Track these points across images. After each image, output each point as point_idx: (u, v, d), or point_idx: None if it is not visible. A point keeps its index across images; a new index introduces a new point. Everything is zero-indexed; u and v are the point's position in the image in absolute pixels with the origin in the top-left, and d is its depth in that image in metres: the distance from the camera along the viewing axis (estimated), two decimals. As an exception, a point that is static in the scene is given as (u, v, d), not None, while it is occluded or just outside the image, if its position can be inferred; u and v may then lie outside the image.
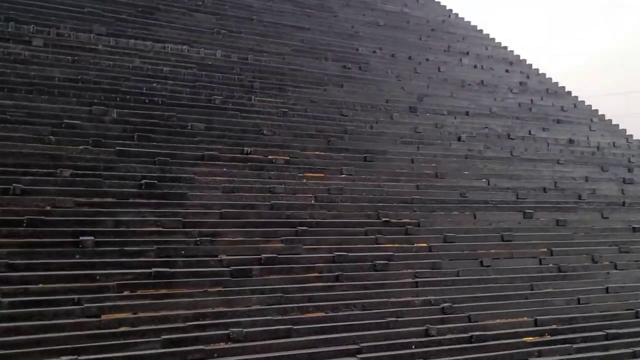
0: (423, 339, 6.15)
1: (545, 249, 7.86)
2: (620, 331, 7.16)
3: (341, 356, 5.70)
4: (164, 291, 5.52)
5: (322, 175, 7.34)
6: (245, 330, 5.49)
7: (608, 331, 7.10)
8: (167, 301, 5.45)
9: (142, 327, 5.20)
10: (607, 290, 7.70)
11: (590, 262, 8.05)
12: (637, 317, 7.52)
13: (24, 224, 5.36)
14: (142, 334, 5.16)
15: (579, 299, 7.39)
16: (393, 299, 6.41)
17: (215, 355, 5.26)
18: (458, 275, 7.01)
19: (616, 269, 8.10)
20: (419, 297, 6.56)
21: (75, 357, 4.75)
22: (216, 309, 5.57)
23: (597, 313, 7.35)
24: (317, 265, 6.36)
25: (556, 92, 11.78)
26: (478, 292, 6.92)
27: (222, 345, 5.36)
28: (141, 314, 5.29)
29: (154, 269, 5.56)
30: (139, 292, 5.43)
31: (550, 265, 7.71)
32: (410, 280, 6.70)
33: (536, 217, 8.28)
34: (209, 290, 5.69)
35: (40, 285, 5.08)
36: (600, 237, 8.47)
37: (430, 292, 6.67)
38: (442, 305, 6.55)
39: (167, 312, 5.38)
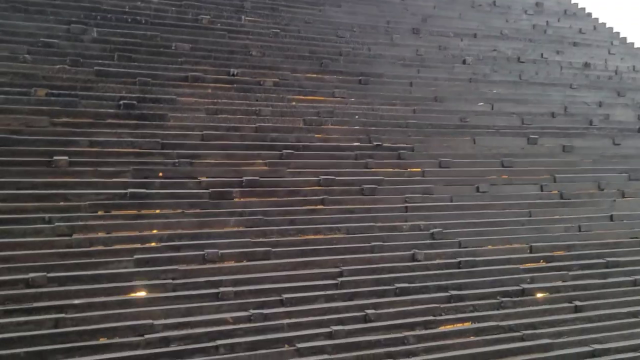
0: (409, 264, 6.01)
1: (548, 176, 7.54)
2: (622, 259, 6.92)
3: (321, 279, 5.61)
4: (138, 212, 5.43)
5: (312, 98, 7.06)
6: (221, 251, 5.40)
7: (608, 259, 6.87)
8: (141, 221, 5.36)
9: (114, 247, 5.14)
10: (611, 218, 7.40)
11: (596, 190, 7.71)
12: (641, 246, 7.24)
13: (-4, 143, 5.25)
14: (115, 253, 5.11)
15: (579, 227, 7.12)
16: (380, 224, 6.23)
17: (189, 275, 5.20)
18: (451, 201, 6.78)
19: (623, 197, 7.76)
20: (408, 222, 6.37)
21: (44, 274, 4.73)
22: (192, 231, 5.47)
23: (598, 241, 7.08)
24: (301, 189, 6.18)
25: (575, 13, 11.11)
26: (471, 218, 6.69)
27: (196, 266, 5.29)
28: (114, 234, 5.22)
29: (129, 190, 5.46)
30: (112, 213, 5.35)
31: (552, 192, 7.41)
32: (400, 205, 6.49)
33: (541, 143, 7.91)
34: (186, 212, 5.58)
35: (10, 204, 5.02)
36: (609, 164, 8.09)
37: (420, 218, 6.47)
38: (431, 231, 6.36)
39: (141, 232, 5.31)
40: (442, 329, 5.64)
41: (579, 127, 8.37)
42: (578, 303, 6.30)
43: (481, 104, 7.99)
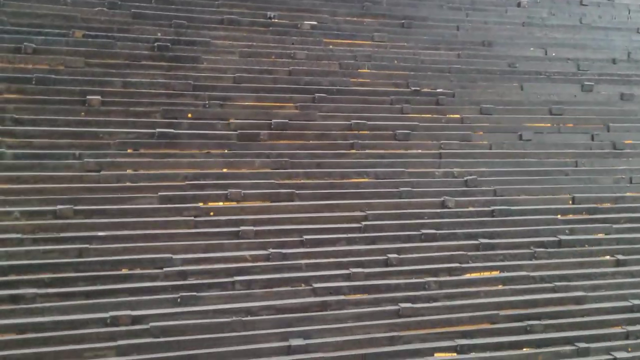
0: (438, 210, 5.88)
1: (601, 125, 7.10)
2: (676, 214, 6.49)
3: (344, 222, 5.59)
4: (166, 151, 5.55)
5: (351, 41, 6.91)
6: (244, 191, 5.46)
7: (661, 214, 6.45)
8: (168, 160, 5.48)
9: (140, 184, 5.30)
10: (668, 170, 6.93)
11: (655, 140, 7.21)
12: (701, 200, 6.75)
13: (33, 82, 5.47)
14: (140, 189, 5.26)
15: (631, 179, 6.71)
16: (410, 170, 6.10)
17: (212, 213, 5.30)
18: (490, 149, 6.53)
19: (684, 148, 7.22)
20: (441, 169, 6.20)
21: (71, 206, 4.96)
22: (217, 171, 5.55)
23: (652, 194, 6.67)
24: (331, 132, 6.12)
25: (652, -47, 10.22)
26: (510, 167, 6.43)
27: (219, 204, 5.39)
28: (141, 172, 5.37)
29: (157, 130, 5.58)
30: (140, 151, 5.50)
31: (604, 141, 6.98)
32: (434, 151, 6.31)
33: (597, 91, 7.43)
34: (212, 152, 5.66)
35: (44, 140, 5.25)
36: (674, 113, 7.51)
37: (454, 165, 6.28)
38: (465, 178, 6.17)
39: (167, 170, 5.43)
40: (467, 276, 5.53)
41: (641, 74, 7.80)
42: (621, 257, 6.01)
43: (532, 48, 7.56)
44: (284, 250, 5.20)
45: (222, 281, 4.91)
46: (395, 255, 5.40)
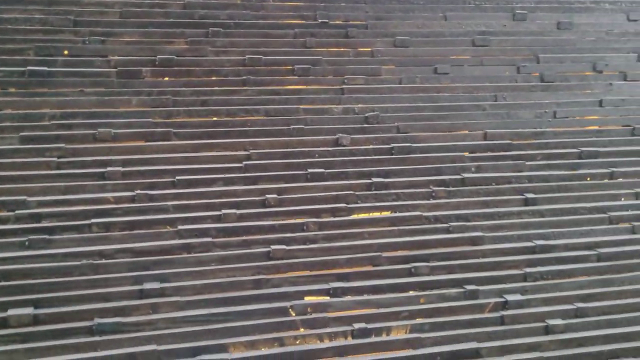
0: (330, 149, 5.54)
1: (531, 56, 6.58)
2: (603, 149, 6.07)
3: (224, 162, 5.29)
4: (36, 90, 5.27)
5: (256, -28, 6.46)
6: (115, 131, 5.19)
7: (584, 149, 6.02)
8: (35, 99, 5.20)
9: (2, 124, 5.05)
10: (600, 103, 6.42)
11: (590, 71, 6.68)
12: (633, 135, 6.28)
13: None
14: (1, 130, 5.03)
15: (555, 113, 6.23)
16: (306, 106, 5.74)
17: (77, 154, 5.05)
18: (400, 83, 6.11)
19: (625, 80, 6.68)
20: (341, 105, 5.82)
21: None
22: (89, 110, 5.27)
23: (576, 128, 6.21)
24: (222, 68, 5.76)
25: None
26: (420, 102, 6.01)
27: (86, 145, 5.12)
28: (4, 111, 5.12)
29: (28, 68, 5.29)
30: (9, 90, 5.24)
31: (531, 74, 6.49)
32: (336, 87, 5.91)
33: (531, 19, 6.87)
34: (86, 90, 5.36)
35: None
36: (615, 42, 6.92)
37: (357, 101, 5.88)
38: (367, 115, 5.79)
39: (33, 110, 5.17)
40: (353, 217, 5.21)
41: (585, 1, 7.19)
42: (531, 196, 5.61)
43: (461, -25, 7.00)
44: (151, 192, 4.94)
45: (78, 224, 4.69)
46: (275, 196, 5.10)
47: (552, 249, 5.32)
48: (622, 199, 5.80)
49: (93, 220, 4.72)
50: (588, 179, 5.86)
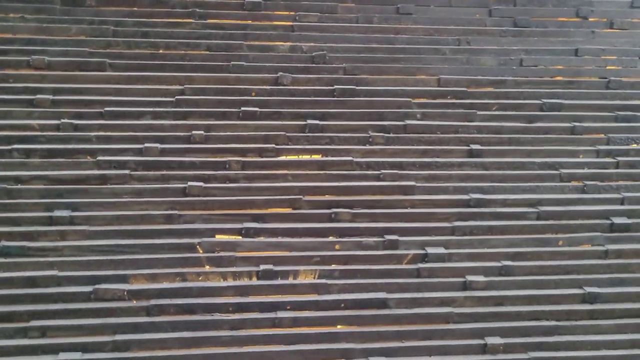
0: (268, 87, 5.39)
1: (508, -2, 6.15)
2: (568, 102, 5.71)
3: (156, 96, 5.24)
4: (-24, 15, 5.32)
5: None
6: (49, 58, 5.19)
7: (547, 100, 5.67)
8: (-26, 24, 5.26)
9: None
10: (576, 52, 5.96)
11: (573, 17, 6.18)
12: (607, 88, 5.83)
13: None
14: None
15: (521, 60, 5.83)
16: (251, 42, 5.57)
17: (7, 80, 5.09)
18: (356, 22, 5.83)
19: (611, 28, 6.17)
20: (288, 43, 5.61)
21: None
22: (27, 36, 5.27)
23: (542, 78, 5.81)
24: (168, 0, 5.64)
25: None
26: (374, 43, 5.74)
27: (19, 71, 5.15)
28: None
29: (-28, -8, 5.33)
30: (-49, 14, 5.31)
31: (504, 17, 6.06)
32: (286, 23, 5.69)
33: (516, -41, 6.37)
34: (28, 16, 5.34)
35: None
36: (608, -13, 6.37)
37: (306, 39, 5.66)
38: (314, 54, 5.57)
39: (-29, 35, 5.23)
40: (281, 158, 5.10)
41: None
42: (477, 147, 5.33)
43: None
44: (77, 121, 4.96)
45: (-1, 149, 4.77)
46: (202, 132, 5.04)
47: (488, 204, 5.08)
48: (580, 155, 5.44)
49: (14, 146, 4.79)
50: (544, 133, 5.49)
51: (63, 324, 4.21)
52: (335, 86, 5.41)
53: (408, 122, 5.35)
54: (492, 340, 4.49)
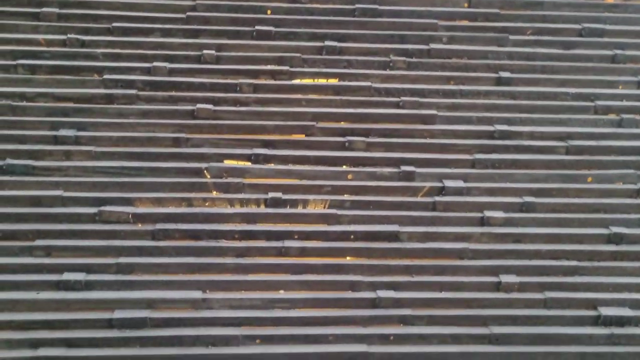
0: (285, 5, 5.08)
1: None
2: (611, 27, 5.21)
3: (166, 11, 5.00)
4: None
5: None
6: (55, -31, 4.95)
7: (586, 25, 5.22)
8: None
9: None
10: (625, -28, 5.42)
11: None
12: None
13: None
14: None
15: (562, -19, 5.34)
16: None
17: (15, -8, 4.89)
18: None
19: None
20: (308, -43, 5.23)
21: None
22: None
23: (587, 1, 5.32)
24: None
25: None
26: (402, -42, 5.30)
27: (25, -18, 4.94)
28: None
29: None
30: None
31: None
32: None
33: None
34: None
35: None
36: None
37: (328, -48, 5.26)
38: (335, -31, 5.19)
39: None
40: (295, 81, 4.84)
41: None
42: (506, 75, 4.98)
43: None
44: (84, 37, 4.77)
45: (4, 63, 4.64)
46: (213, 52, 4.79)
47: (513, 136, 4.77)
48: (620, 86, 5.04)
49: (20, 62, 4.64)
50: (582, 61, 5.08)
51: (68, 245, 4.16)
52: (357, 5, 5.06)
53: (433, 46, 5.00)
54: (506, 279, 4.30)
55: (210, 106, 4.63)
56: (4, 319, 3.88)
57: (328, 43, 4.92)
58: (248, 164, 4.54)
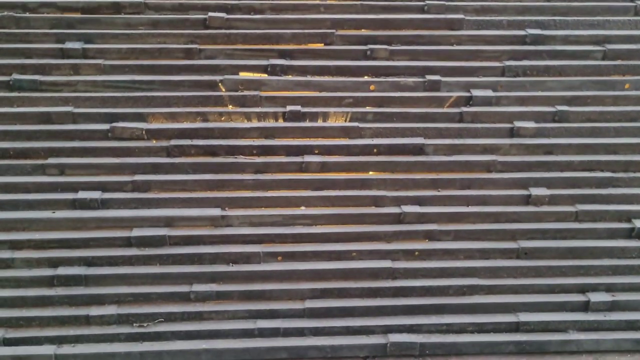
0: None
1: None
2: None
3: None
4: None
5: None
6: None
7: None
8: None
9: None
10: None
11: None
12: None
13: None
14: None
15: None
16: None
17: None
18: None
19: None
20: None
21: None
22: None
23: None
24: None
25: None
26: None
27: None
28: None
29: None
30: None
31: None
32: None
33: None
34: None
35: None
36: None
37: None
38: None
39: None
40: (312, -14, 4.52)
41: None
42: (540, -26, 4.60)
43: None
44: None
45: None
46: (223, -46, 4.45)
47: (546, 41, 4.46)
48: (668, -14, 4.65)
49: None
50: (625, -44, 4.67)
51: (81, 162, 4.03)
52: None
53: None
54: (537, 191, 4.12)
55: (223, 14, 4.35)
56: (21, 238, 3.82)
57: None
58: (264, 76, 4.31)
